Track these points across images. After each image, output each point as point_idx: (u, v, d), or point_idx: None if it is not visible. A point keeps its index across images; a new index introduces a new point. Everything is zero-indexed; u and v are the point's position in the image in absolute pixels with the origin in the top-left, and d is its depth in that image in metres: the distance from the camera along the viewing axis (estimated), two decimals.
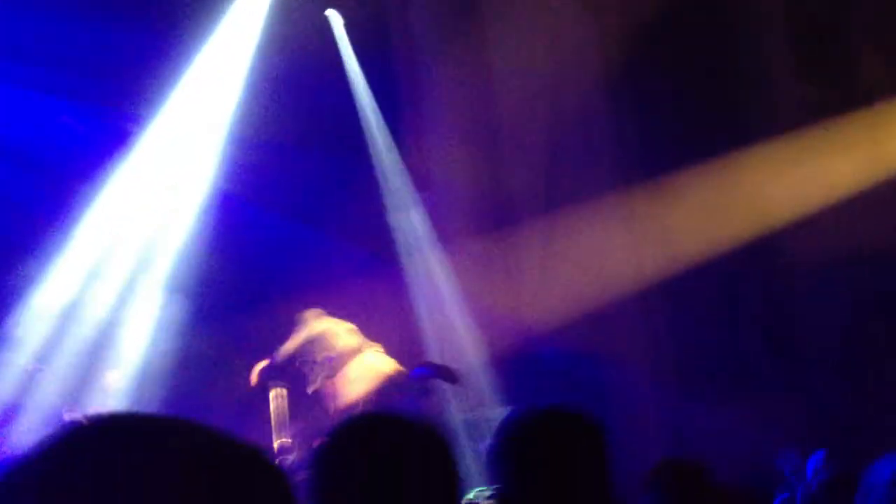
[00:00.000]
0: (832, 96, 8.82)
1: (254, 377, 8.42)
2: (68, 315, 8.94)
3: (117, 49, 9.33)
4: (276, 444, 8.02)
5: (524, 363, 9.43)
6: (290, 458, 7.81)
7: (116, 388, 8.71)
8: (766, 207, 8.88)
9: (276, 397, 8.31)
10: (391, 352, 8.80)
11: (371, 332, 9.00)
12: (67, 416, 7.81)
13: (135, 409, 8.32)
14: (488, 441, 7.79)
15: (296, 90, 9.85)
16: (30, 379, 8.32)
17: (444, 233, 10.02)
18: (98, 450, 0.82)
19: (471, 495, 5.56)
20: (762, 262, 8.94)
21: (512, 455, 2.38)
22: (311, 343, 8.44)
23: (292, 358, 8.47)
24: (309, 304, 8.96)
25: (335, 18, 10.35)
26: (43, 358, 8.53)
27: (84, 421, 0.87)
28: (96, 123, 9.77)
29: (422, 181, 10.42)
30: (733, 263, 8.97)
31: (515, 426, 2.43)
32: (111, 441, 0.83)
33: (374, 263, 9.96)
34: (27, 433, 7.88)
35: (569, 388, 8.60)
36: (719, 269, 9.03)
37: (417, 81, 10.55)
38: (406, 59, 10.58)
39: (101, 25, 9.15)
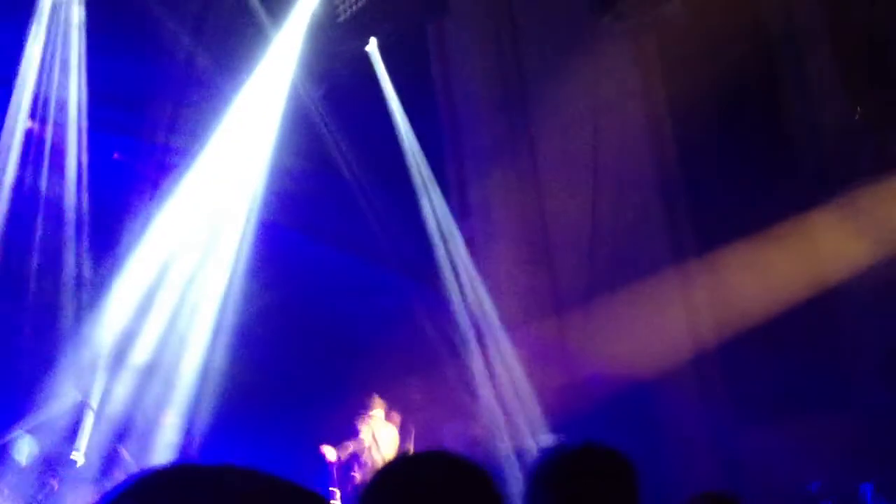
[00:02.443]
0: (880, 120, 8.67)
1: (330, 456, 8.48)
2: (120, 347, 9.11)
3: (161, 84, 9.55)
4: None
5: (573, 391, 9.34)
6: None
7: (172, 425, 8.88)
8: (821, 265, 8.73)
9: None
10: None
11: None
12: (123, 454, 7.96)
13: (187, 444, 8.46)
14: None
15: (337, 121, 10.00)
16: (79, 412, 8.49)
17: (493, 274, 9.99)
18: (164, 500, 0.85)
19: None
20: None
21: (545, 494, 2.36)
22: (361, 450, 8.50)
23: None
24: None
25: (375, 51, 10.48)
26: (91, 392, 8.69)
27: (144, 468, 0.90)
28: (144, 158, 9.97)
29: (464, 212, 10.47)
30: None
31: (548, 465, 2.42)
32: (178, 492, 0.86)
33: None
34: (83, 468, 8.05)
35: (618, 414, 8.49)
36: None
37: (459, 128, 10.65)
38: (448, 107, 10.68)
39: (145, 61, 9.39)
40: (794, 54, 9.28)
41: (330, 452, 8.39)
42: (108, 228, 9.44)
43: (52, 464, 8.22)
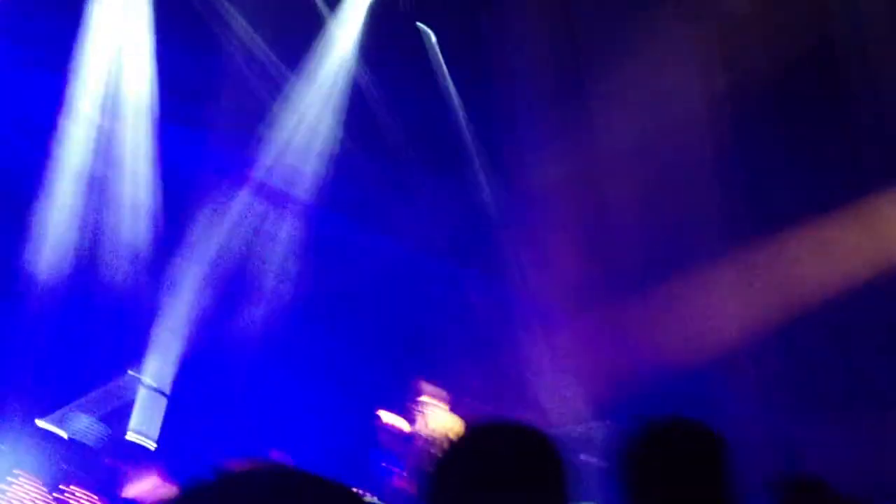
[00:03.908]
0: None
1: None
2: (192, 333, 9.24)
3: (221, 74, 9.63)
4: None
5: (629, 381, 9.26)
6: None
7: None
8: (887, 250, 8.53)
9: None
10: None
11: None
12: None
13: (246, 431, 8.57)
14: (583, 456, 7.68)
15: (393, 107, 10.03)
16: (150, 398, 8.64)
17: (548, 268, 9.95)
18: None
19: None
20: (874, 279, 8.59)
21: (633, 468, 2.33)
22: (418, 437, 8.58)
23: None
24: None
25: (430, 37, 10.48)
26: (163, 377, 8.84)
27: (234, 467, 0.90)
28: (209, 148, 10.06)
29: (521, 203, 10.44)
30: None
31: (636, 438, 2.39)
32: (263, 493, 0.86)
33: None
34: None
35: (674, 405, 8.40)
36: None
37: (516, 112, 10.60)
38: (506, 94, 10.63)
39: (206, 52, 9.48)
40: (858, 40, 9.10)
41: (387, 416, 8.42)
42: (177, 219, 9.54)
43: (124, 449, 8.36)
